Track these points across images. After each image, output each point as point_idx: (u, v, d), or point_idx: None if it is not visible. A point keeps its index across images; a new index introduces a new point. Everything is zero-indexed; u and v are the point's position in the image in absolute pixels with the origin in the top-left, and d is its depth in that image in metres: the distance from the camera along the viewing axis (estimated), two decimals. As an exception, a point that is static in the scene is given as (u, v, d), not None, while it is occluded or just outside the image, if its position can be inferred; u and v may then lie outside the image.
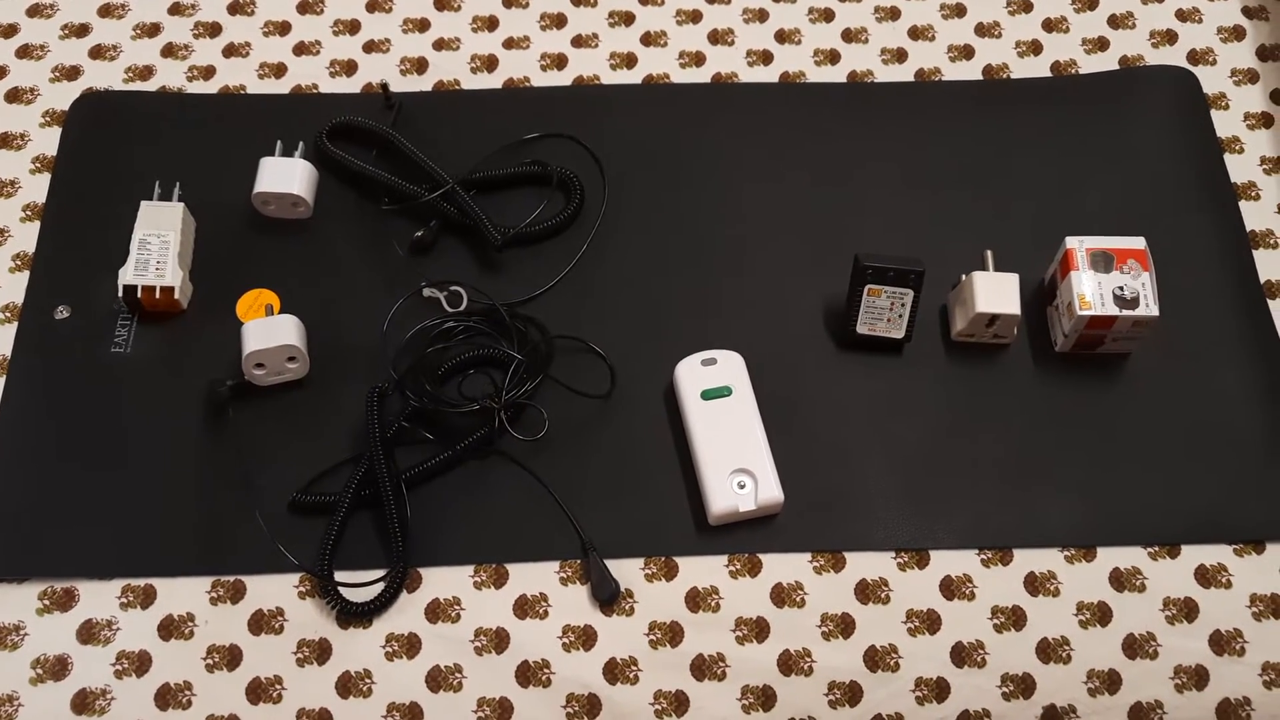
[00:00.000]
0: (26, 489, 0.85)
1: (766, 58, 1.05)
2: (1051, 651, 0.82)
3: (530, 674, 0.80)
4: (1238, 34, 1.07)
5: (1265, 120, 1.03)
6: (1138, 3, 1.09)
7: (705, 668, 0.81)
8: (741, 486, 0.84)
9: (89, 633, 0.81)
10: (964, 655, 0.82)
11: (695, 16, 1.07)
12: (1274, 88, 1.04)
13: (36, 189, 0.98)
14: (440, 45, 1.06)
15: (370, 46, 1.05)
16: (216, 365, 0.89)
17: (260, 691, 0.80)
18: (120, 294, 0.90)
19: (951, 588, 0.83)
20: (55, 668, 0.80)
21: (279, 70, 1.04)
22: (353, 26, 1.06)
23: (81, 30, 1.06)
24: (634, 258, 0.95)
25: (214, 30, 1.06)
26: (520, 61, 1.05)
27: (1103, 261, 0.88)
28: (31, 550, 0.83)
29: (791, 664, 0.81)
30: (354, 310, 0.92)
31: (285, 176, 0.95)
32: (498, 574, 0.83)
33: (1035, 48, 1.06)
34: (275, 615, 0.82)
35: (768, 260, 0.95)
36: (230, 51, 1.05)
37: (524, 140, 1.00)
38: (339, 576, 0.82)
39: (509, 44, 1.06)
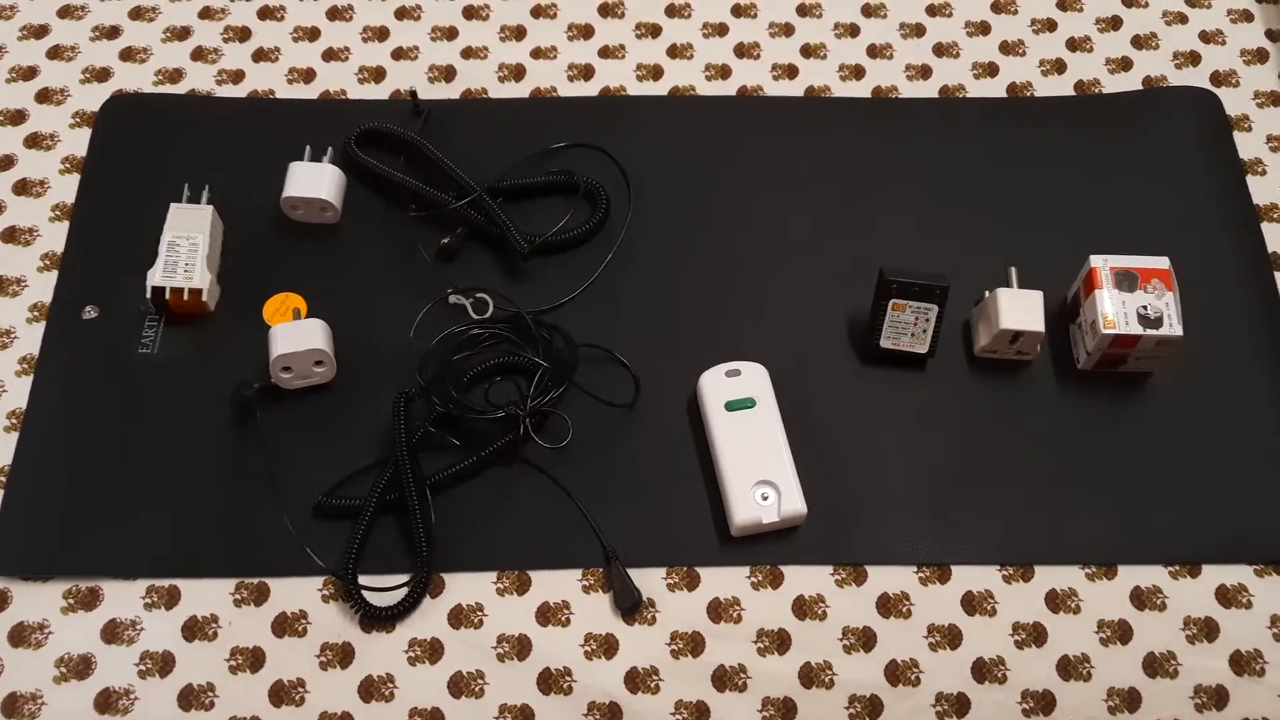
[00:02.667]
0: (52, 489, 0.86)
1: (791, 71, 1.06)
2: (1072, 669, 0.82)
3: (552, 681, 0.81)
4: (1260, 57, 1.08)
5: (1288, 143, 1.03)
6: (1161, 24, 1.09)
7: (726, 678, 0.81)
8: (764, 498, 0.84)
9: (113, 632, 0.81)
10: (985, 671, 0.82)
11: (721, 30, 1.08)
12: (1297, 110, 1.05)
13: (66, 189, 0.98)
14: (468, 54, 1.06)
15: (399, 54, 1.06)
16: (243, 367, 0.89)
17: (283, 694, 0.80)
18: (148, 295, 0.90)
19: (973, 603, 0.84)
20: (79, 667, 0.80)
21: (308, 76, 1.05)
22: (381, 34, 1.07)
23: (112, 32, 1.06)
24: (659, 268, 0.96)
25: (243, 35, 1.07)
26: (547, 71, 1.05)
27: (1127, 280, 0.89)
28: (57, 550, 0.84)
29: (812, 676, 0.81)
30: (380, 315, 0.92)
31: (314, 181, 0.95)
32: (520, 581, 0.84)
33: (1059, 66, 1.07)
34: (299, 618, 0.82)
35: (792, 273, 0.95)
36: (259, 56, 1.06)
37: (550, 150, 1.00)
38: (362, 580, 0.82)
39: (536, 54, 1.06)
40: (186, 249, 0.91)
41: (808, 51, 1.07)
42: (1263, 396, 0.91)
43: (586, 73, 1.05)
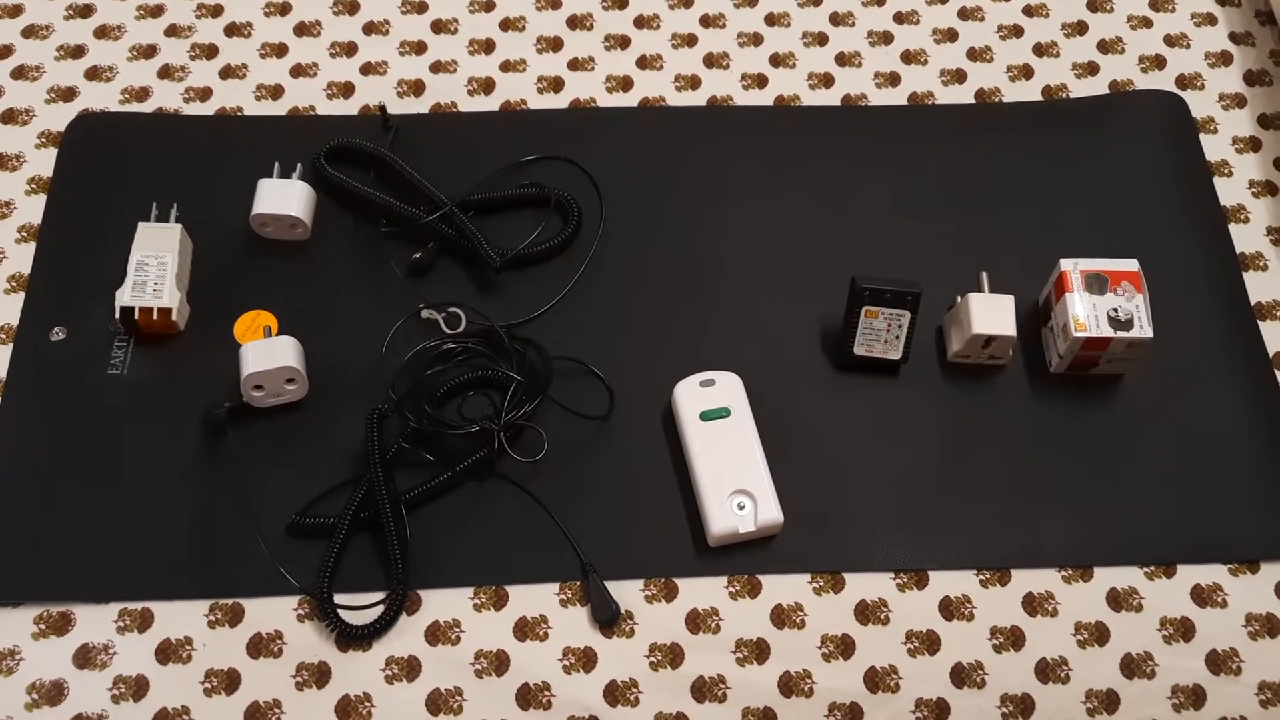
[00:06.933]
0: (22, 512, 0.85)
1: (761, 81, 1.06)
2: (1050, 672, 0.82)
3: (531, 696, 0.80)
4: (1225, 59, 1.09)
5: (1253, 144, 1.04)
6: (1127, 28, 1.10)
7: (706, 689, 0.81)
8: (741, 508, 0.84)
9: (85, 657, 0.81)
10: (963, 676, 0.82)
11: (691, 40, 1.08)
12: (1261, 112, 1.06)
13: (32, 210, 0.97)
14: (437, 68, 1.06)
15: (367, 69, 1.06)
16: (214, 387, 0.89)
17: (259, 715, 0.79)
18: (117, 315, 0.89)
19: (950, 608, 0.84)
20: (51, 693, 0.79)
21: (276, 92, 1.04)
22: (350, 49, 1.07)
23: (77, 51, 1.06)
24: (632, 279, 0.95)
25: (210, 52, 1.06)
26: (517, 84, 1.05)
27: (1097, 283, 0.89)
28: (27, 574, 0.83)
29: (792, 685, 0.81)
30: (352, 332, 0.92)
31: (283, 198, 0.95)
32: (497, 596, 0.83)
33: (1026, 72, 1.08)
34: (274, 638, 0.81)
35: (765, 282, 0.95)
36: (227, 73, 1.05)
37: (521, 162, 1.00)
38: (338, 599, 0.82)
39: (506, 66, 1.06)
40: (155, 268, 0.91)
41: (776, 61, 1.08)
42: (1233, 396, 0.91)
43: (556, 85, 1.05)
